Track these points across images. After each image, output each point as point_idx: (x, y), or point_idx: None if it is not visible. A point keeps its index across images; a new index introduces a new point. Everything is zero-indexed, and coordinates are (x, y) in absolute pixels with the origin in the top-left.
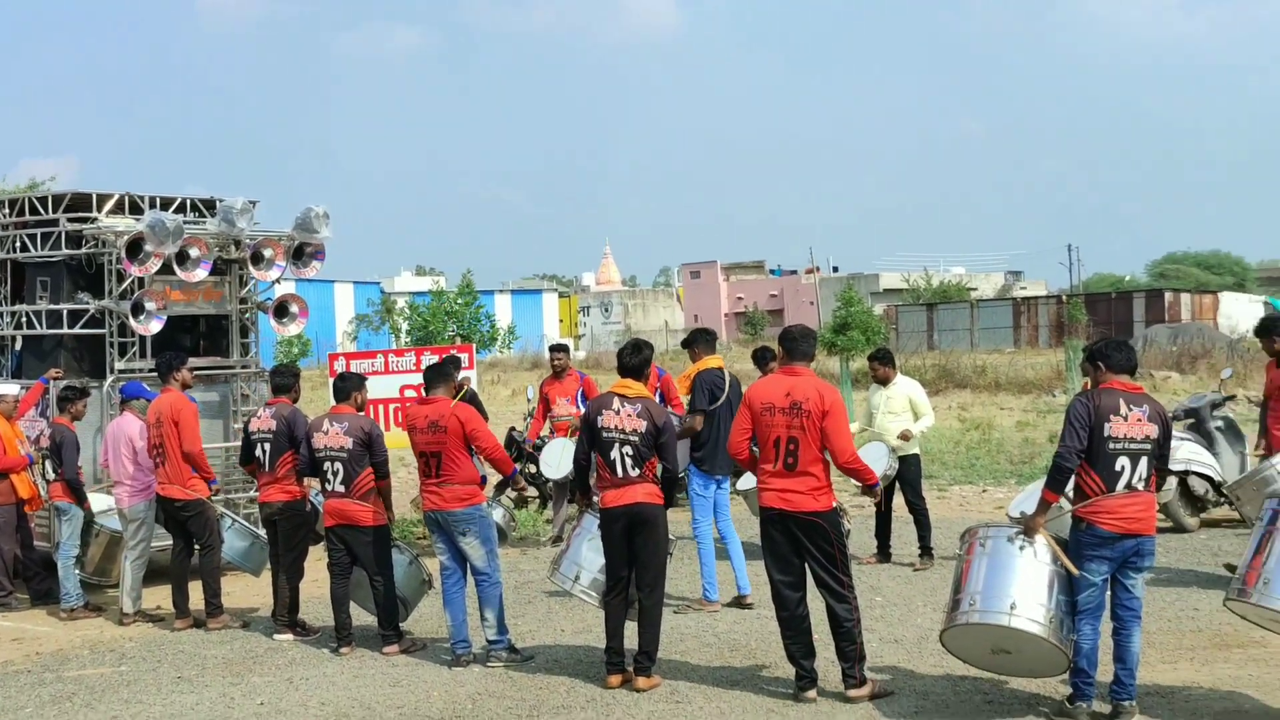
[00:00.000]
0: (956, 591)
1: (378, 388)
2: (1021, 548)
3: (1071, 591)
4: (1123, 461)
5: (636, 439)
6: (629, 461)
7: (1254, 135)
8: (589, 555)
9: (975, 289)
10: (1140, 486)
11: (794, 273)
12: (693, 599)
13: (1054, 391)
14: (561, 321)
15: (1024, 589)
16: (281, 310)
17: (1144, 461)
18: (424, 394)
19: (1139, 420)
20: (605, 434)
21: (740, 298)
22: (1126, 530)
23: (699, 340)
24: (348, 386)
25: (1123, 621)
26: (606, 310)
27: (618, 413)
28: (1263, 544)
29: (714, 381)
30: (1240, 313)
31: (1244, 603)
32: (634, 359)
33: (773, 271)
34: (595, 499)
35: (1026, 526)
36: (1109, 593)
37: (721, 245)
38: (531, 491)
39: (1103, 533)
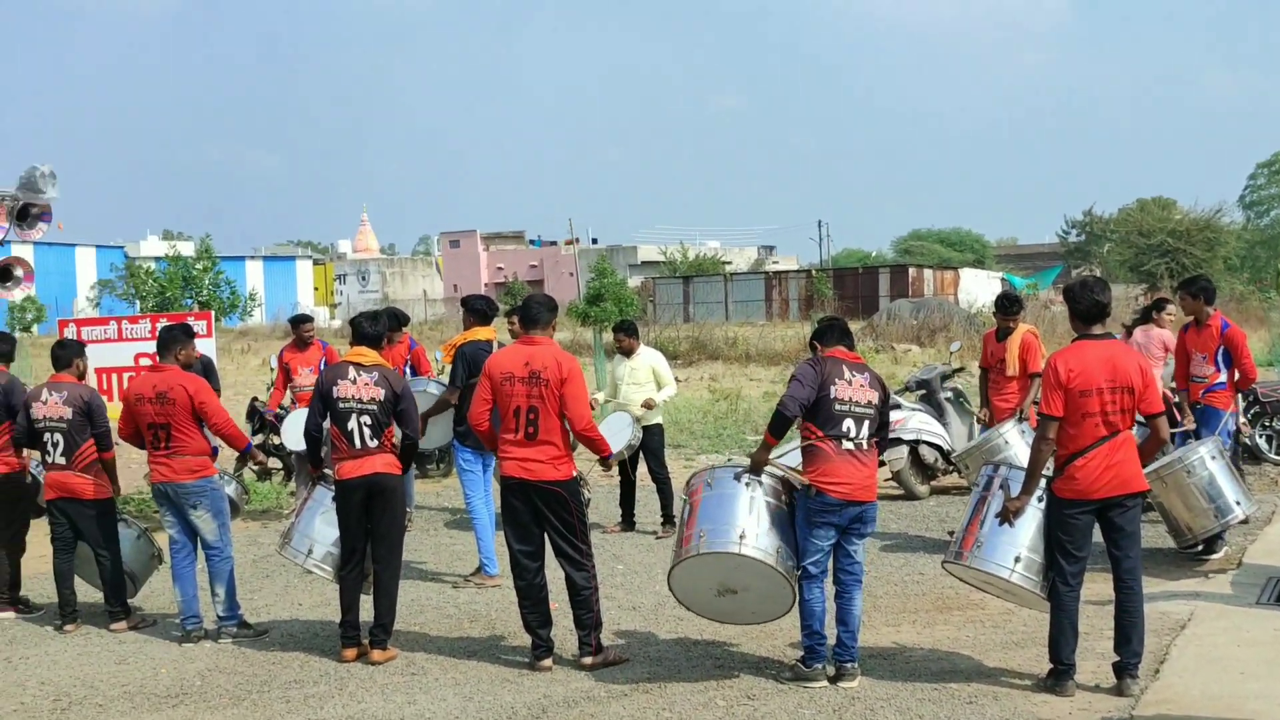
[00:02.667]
0: (684, 529)
1: (111, 356)
2: (748, 484)
3: (795, 535)
4: (849, 423)
5: (375, 408)
6: (367, 431)
7: (996, 119)
8: (321, 528)
9: (730, 263)
10: (865, 447)
11: (554, 244)
12: (464, 574)
13: (800, 362)
14: (316, 289)
15: (751, 521)
16: (5, 274)
17: (867, 424)
18: (157, 362)
19: (862, 385)
20: (342, 404)
21: (500, 268)
22: (851, 497)
23: (471, 308)
24: (67, 354)
25: (844, 585)
26: (364, 279)
27: (354, 382)
28: (978, 508)
29: (476, 354)
30: (979, 288)
31: (961, 565)
32: (373, 328)
33: (533, 242)
34: (329, 471)
35: (753, 463)
36: (832, 558)
37: (482, 214)
38: (275, 463)
39: (829, 500)
